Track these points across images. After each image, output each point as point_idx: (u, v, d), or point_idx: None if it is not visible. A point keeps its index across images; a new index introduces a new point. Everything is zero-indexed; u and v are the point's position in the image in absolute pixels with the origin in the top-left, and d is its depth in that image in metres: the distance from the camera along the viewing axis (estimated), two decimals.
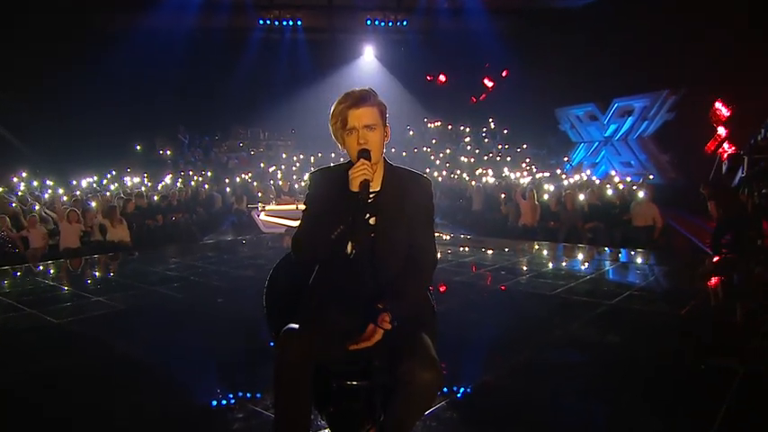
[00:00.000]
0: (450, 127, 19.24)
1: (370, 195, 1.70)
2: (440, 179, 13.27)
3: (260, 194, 11.13)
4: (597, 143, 15.55)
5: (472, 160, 15.99)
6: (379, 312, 1.60)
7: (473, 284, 4.95)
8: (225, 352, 3.17)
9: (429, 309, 1.80)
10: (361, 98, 1.68)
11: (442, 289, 4.68)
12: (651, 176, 12.60)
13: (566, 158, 15.81)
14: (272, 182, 13.81)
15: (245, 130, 19.19)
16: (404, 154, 16.46)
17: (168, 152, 16.68)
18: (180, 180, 13.69)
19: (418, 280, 1.71)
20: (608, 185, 9.65)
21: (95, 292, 4.72)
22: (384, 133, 1.72)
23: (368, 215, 1.73)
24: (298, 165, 16.43)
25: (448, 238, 8.66)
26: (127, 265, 6.44)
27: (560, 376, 2.74)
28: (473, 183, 11.66)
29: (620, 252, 6.89)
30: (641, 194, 7.98)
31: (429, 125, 19.53)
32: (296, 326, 1.60)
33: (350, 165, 1.73)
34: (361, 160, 1.65)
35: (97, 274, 6.02)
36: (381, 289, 1.69)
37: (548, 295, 4.42)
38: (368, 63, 19.29)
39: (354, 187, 1.64)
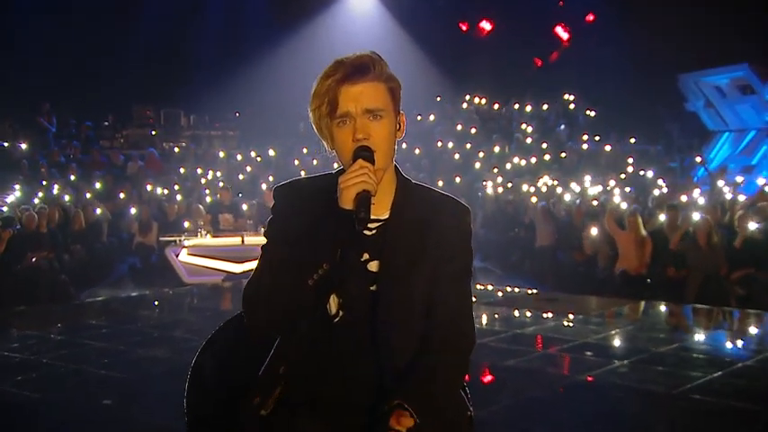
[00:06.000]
0: (496, 106, 19.43)
1: (372, 228, 1.72)
2: (495, 193, 13.32)
3: (186, 225, 11.12)
4: (754, 132, 15.67)
5: (533, 161, 16.02)
6: (393, 410, 1.60)
7: (537, 373, 4.96)
8: None
9: (462, 416, 1.81)
10: (361, 68, 1.71)
11: (485, 381, 4.67)
12: None
13: (698, 158, 15.90)
14: (207, 185, 13.79)
15: (156, 112, 19.40)
16: (417, 152, 16.39)
17: (23, 146, 16.81)
18: (41, 193, 13.76)
19: (446, 367, 1.73)
20: None
21: None
22: (396, 124, 1.77)
23: (367, 256, 1.76)
24: (249, 170, 16.38)
25: (498, 294, 8.65)
26: None
27: None
28: (536, 200, 11.71)
29: None
30: None
31: (463, 104, 19.74)
32: None
33: (340, 174, 1.75)
34: (359, 161, 1.67)
35: None
36: (385, 378, 1.70)
37: (668, 395, 4.40)
38: (362, 4, 19.67)
39: (347, 202, 1.66)
